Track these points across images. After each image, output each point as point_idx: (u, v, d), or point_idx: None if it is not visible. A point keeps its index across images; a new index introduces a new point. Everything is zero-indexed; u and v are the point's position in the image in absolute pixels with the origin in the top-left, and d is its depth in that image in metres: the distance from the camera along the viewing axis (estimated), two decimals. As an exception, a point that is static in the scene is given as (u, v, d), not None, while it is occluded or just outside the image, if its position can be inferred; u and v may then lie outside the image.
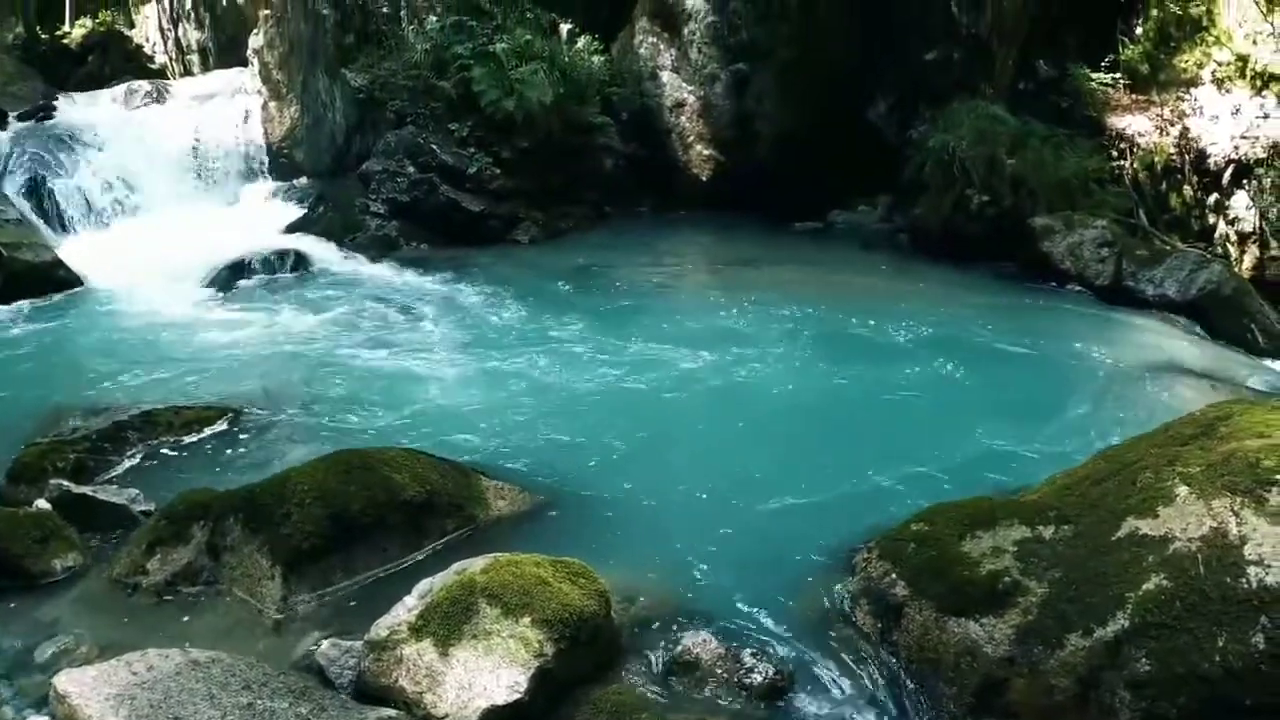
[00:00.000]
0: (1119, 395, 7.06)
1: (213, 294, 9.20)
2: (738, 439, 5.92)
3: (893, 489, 5.05)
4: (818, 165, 11.52)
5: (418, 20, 12.21)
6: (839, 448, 5.72)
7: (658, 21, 12.44)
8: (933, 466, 5.33)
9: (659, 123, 12.42)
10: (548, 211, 11.30)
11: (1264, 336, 9.12)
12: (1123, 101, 11.78)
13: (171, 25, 19.72)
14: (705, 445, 5.84)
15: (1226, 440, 3.84)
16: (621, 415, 6.07)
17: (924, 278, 9.89)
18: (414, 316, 8.18)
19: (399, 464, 4.55)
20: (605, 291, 8.97)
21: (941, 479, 5.13)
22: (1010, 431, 5.95)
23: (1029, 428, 6.08)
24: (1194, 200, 11.16)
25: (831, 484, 5.16)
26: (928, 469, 5.30)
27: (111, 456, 5.42)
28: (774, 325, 7.89)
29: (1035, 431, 6.02)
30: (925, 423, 6.14)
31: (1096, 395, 6.99)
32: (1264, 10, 11.05)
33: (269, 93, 13.07)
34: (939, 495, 4.30)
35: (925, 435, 5.90)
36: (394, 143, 11.31)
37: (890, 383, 6.78)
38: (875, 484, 5.15)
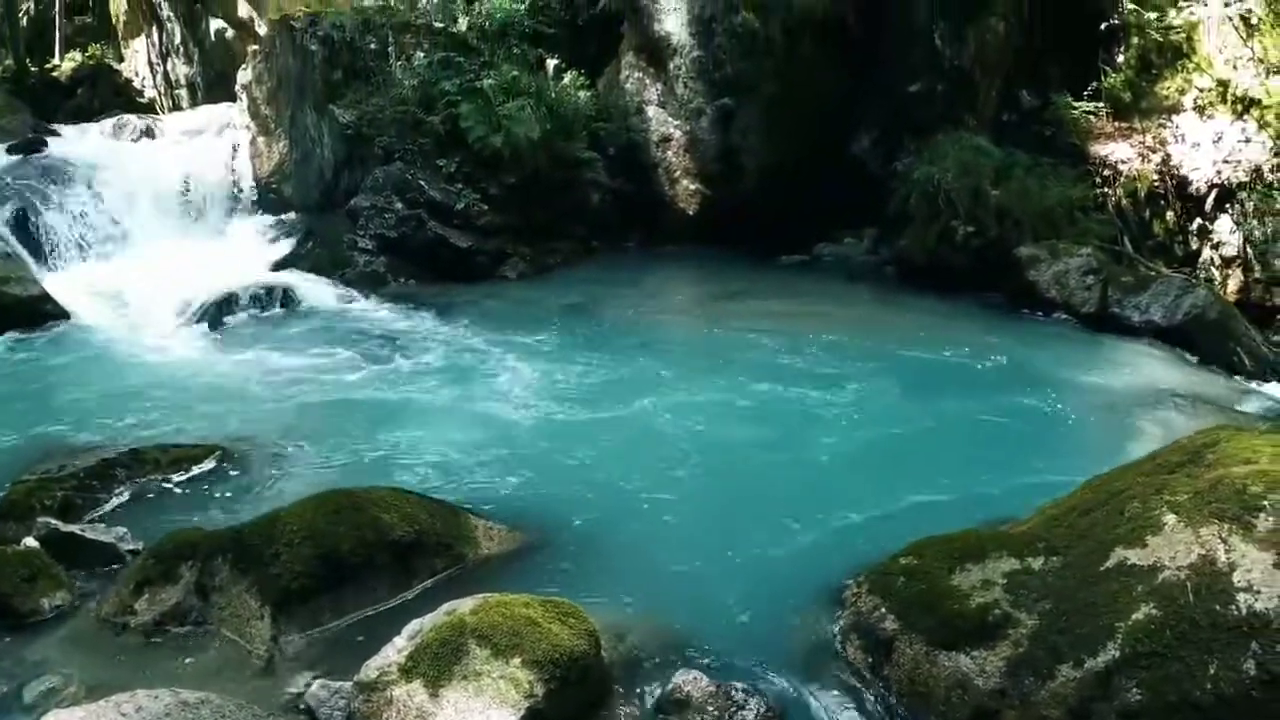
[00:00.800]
0: (1106, 422, 7.07)
1: (200, 329, 9.18)
2: (725, 474, 5.92)
3: (881, 522, 5.05)
4: (803, 199, 11.57)
5: (405, 57, 12.27)
6: (827, 481, 5.72)
7: (643, 56, 12.51)
8: (920, 498, 5.34)
9: (645, 157, 12.46)
10: (535, 247, 11.32)
11: (1250, 359, 9.15)
12: (1105, 129, 11.86)
13: (160, 60, 19.81)
14: (693, 481, 5.82)
15: (1213, 467, 3.86)
16: (609, 452, 6.06)
17: (910, 309, 9.93)
18: (402, 353, 8.15)
19: (387, 504, 4.53)
20: (593, 328, 8.97)
21: (930, 510, 5.13)
22: (998, 461, 5.96)
23: (1017, 457, 6.09)
24: (1178, 226, 11.22)
25: (820, 518, 5.15)
26: (915, 500, 5.31)
27: (99, 494, 5.40)
28: (761, 360, 7.88)
29: (1023, 460, 6.03)
30: (913, 454, 6.15)
31: (1084, 423, 7.01)
32: (1244, 36, 11.16)
33: (257, 128, 13.09)
34: (928, 527, 4.29)
35: (913, 467, 5.91)
36: (382, 179, 11.32)
37: (877, 415, 6.79)
38: (863, 517, 5.15)
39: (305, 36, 12.34)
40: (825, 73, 12.15)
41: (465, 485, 5.46)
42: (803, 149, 12.05)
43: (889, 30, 12.34)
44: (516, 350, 8.12)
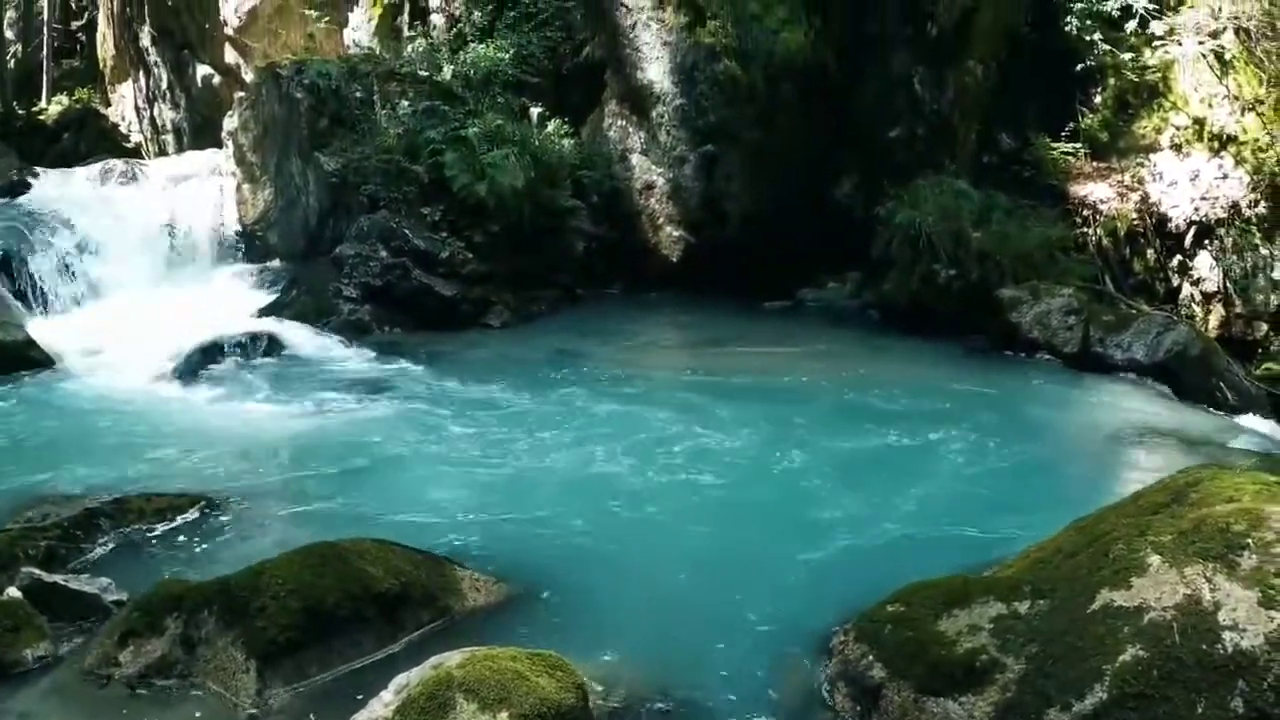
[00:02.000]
0: (1091, 462, 7.11)
1: (185, 377, 9.09)
2: (712, 523, 5.90)
3: (868, 566, 5.04)
4: (786, 244, 11.66)
5: (390, 105, 12.34)
6: (813, 527, 5.70)
7: (627, 105, 12.62)
8: (907, 542, 5.35)
9: (629, 205, 12.53)
10: (519, 295, 11.33)
11: (1232, 393, 9.24)
12: (1084, 170, 12.01)
13: (147, 105, 19.93)
14: (680, 530, 5.80)
15: (1197, 507, 3.88)
16: (596, 502, 6.04)
17: (894, 354, 9.98)
18: (387, 403, 8.11)
19: (373, 556, 4.52)
20: (578, 376, 8.95)
21: (916, 554, 5.14)
22: (984, 503, 5.98)
23: (1003, 498, 6.11)
24: (1158, 263, 11.35)
25: (807, 564, 5.15)
26: (902, 544, 5.32)
27: (83, 544, 5.34)
28: (746, 407, 7.86)
29: (1009, 502, 6.05)
30: (898, 498, 6.14)
31: (1068, 463, 7.05)
32: (1218, 73, 11.34)
33: (243, 175, 13.09)
34: (914, 572, 4.29)
35: (899, 510, 5.91)
36: (367, 227, 11.34)
37: (862, 461, 6.80)
38: (850, 564, 5.14)
39: (291, 84, 12.38)
40: (806, 119, 12.28)
41: (450, 536, 5.44)
42: (785, 195, 12.16)
43: (869, 76, 12.50)
44: (501, 400, 8.11)
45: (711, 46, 11.92)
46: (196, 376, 9.12)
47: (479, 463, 6.72)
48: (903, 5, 12.45)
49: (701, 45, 11.96)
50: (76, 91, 21.75)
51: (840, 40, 12.46)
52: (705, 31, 11.95)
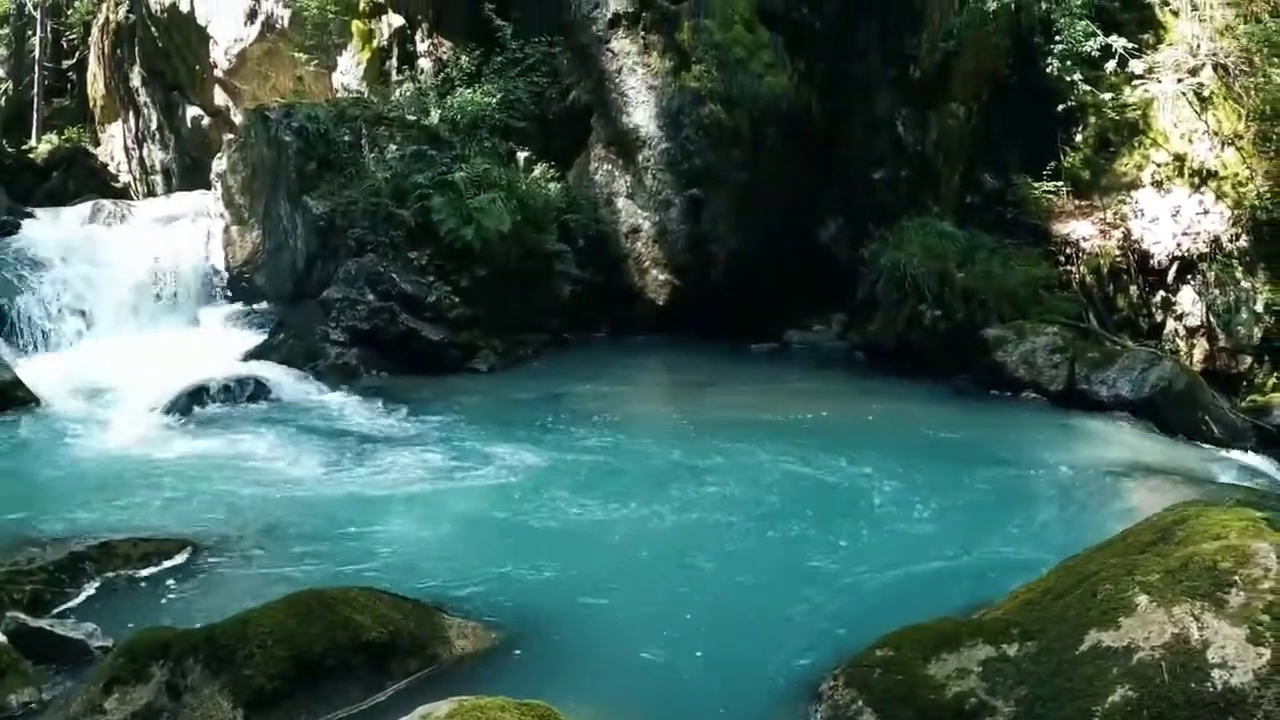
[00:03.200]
0: (1079, 500, 7.11)
1: (172, 420, 9.01)
2: (700, 567, 5.87)
3: (856, 610, 5.02)
4: (772, 286, 11.73)
5: (378, 149, 12.38)
6: (801, 570, 5.68)
7: (613, 148, 12.70)
8: (896, 586, 5.33)
9: (615, 249, 12.58)
10: (507, 339, 11.33)
11: (1219, 427, 9.30)
12: (1067, 208, 12.11)
13: (136, 145, 19.99)
14: (668, 575, 5.77)
15: (1184, 545, 3.90)
16: (583, 548, 6.02)
17: (881, 395, 9.97)
18: (374, 447, 8.06)
19: (360, 604, 4.49)
20: (565, 420, 8.91)
21: (904, 597, 5.13)
22: (973, 544, 5.97)
23: (991, 540, 6.11)
24: (1141, 299, 11.43)
25: (796, 609, 5.13)
26: (890, 587, 5.30)
27: (69, 588, 5.28)
28: (734, 451, 7.84)
29: (998, 543, 6.05)
30: (886, 540, 6.14)
31: (1056, 502, 7.05)
32: (1197, 110, 11.48)
33: (231, 216, 13.11)
34: (903, 614, 4.28)
35: (887, 553, 5.89)
36: (354, 270, 11.34)
37: (850, 502, 6.79)
38: (839, 605, 5.13)
39: (280, 127, 12.41)
40: (791, 162, 12.39)
41: (438, 583, 5.40)
42: (770, 238, 12.24)
43: (852, 119, 12.66)
44: (488, 445, 8.03)
45: (697, 91, 12.05)
46: (183, 419, 9.07)
47: (466, 508, 6.69)
48: (885, 48, 12.64)
49: (687, 89, 12.09)
50: (66, 130, 21.82)
51: (824, 84, 12.62)
52: (690, 76, 12.08)
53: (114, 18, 20.05)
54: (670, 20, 12.27)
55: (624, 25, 12.51)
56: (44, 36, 22.51)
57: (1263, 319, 10.75)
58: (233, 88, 17.45)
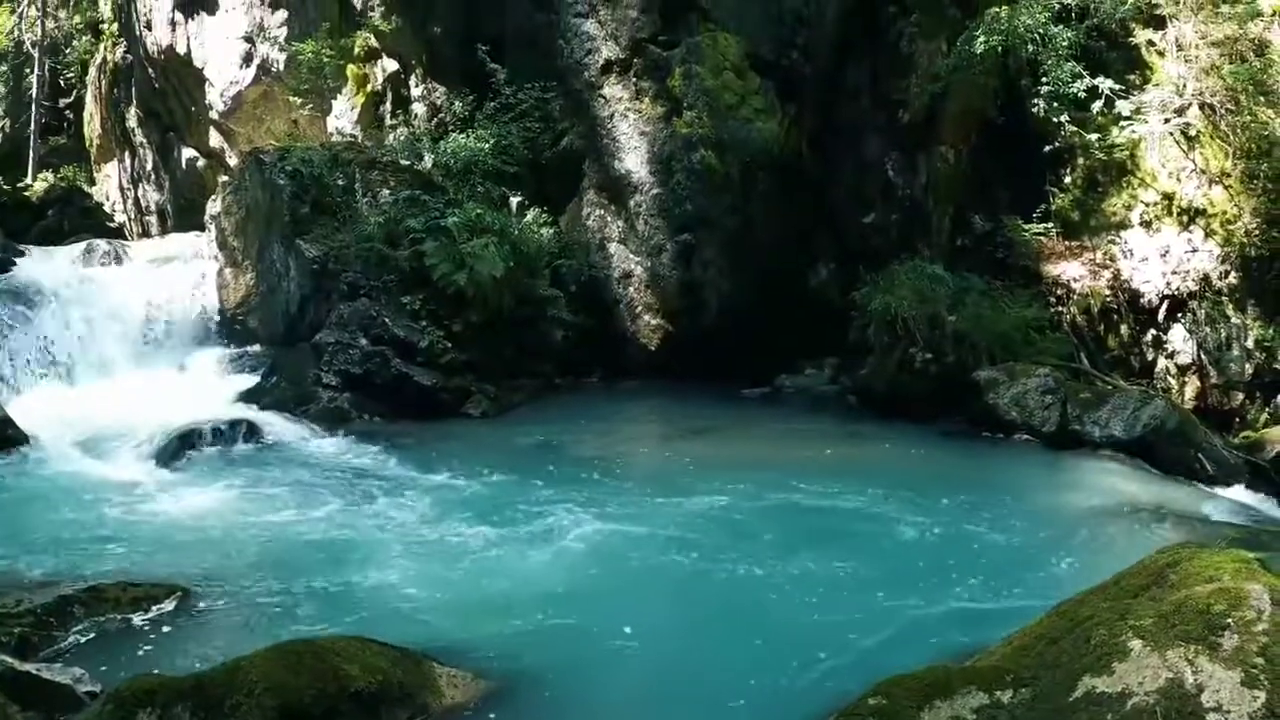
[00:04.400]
0: (1072, 543, 7.08)
1: (163, 462, 9.01)
2: (691, 617, 5.86)
3: (850, 659, 5.00)
4: (764, 331, 11.76)
5: (372, 193, 12.44)
6: (794, 620, 5.66)
7: (605, 194, 12.78)
8: (889, 632, 5.30)
9: (607, 293, 12.64)
10: (499, 384, 11.34)
11: (1212, 464, 9.28)
12: (1057, 249, 12.13)
13: (132, 185, 20.11)
14: (658, 625, 5.74)
15: (1177, 588, 3.88)
16: (574, 596, 5.98)
17: (873, 440, 9.98)
18: (365, 493, 8.05)
19: (349, 653, 4.45)
20: (557, 468, 8.88)
21: (898, 644, 5.10)
22: (966, 589, 5.95)
23: (985, 584, 6.09)
24: (1132, 338, 11.44)
25: (791, 655, 5.10)
26: (884, 635, 5.27)
27: (56, 632, 5.25)
28: (726, 498, 7.82)
29: (991, 587, 6.03)
30: (880, 586, 6.10)
31: (1049, 545, 7.01)
32: (1185, 149, 11.56)
33: (225, 259, 13.15)
34: (896, 662, 4.25)
35: (881, 600, 5.87)
36: (347, 314, 11.36)
37: (844, 550, 6.75)
38: (832, 652, 5.10)
39: (274, 170, 12.48)
40: (782, 207, 12.48)
41: (427, 630, 5.36)
42: (762, 282, 12.30)
43: (843, 164, 12.76)
44: (479, 492, 8.04)
45: (688, 137, 12.16)
46: (174, 462, 9.06)
47: (458, 556, 6.65)
48: (874, 93, 12.76)
49: (678, 135, 12.20)
50: (62, 169, 21.98)
51: (814, 128, 12.75)
52: (682, 122, 12.19)
53: (111, 58, 20.26)
54: (662, 67, 12.41)
55: (616, 71, 12.64)
56: (42, 75, 22.71)
57: (1254, 355, 10.77)
58: (228, 130, 17.57)
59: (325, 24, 14.91)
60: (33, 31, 23.56)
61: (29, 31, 23.86)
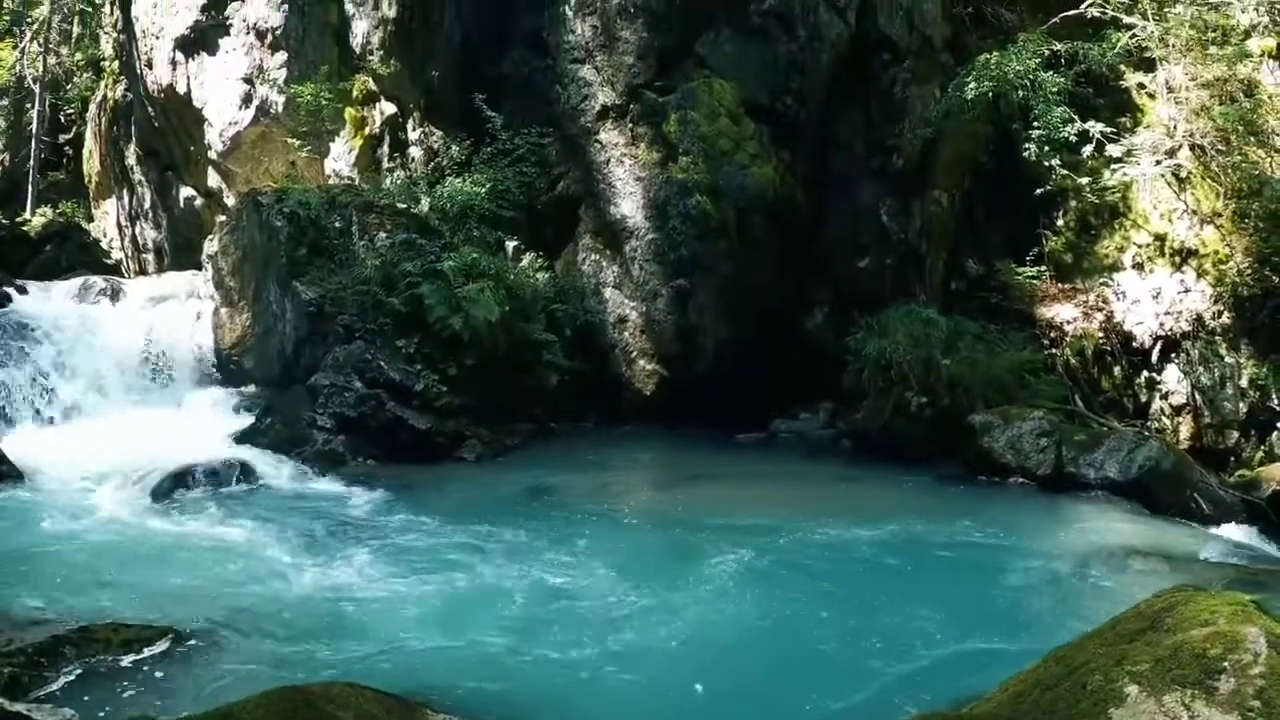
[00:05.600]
0: (1068, 587, 7.07)
1: (156, 502, 8.95)
2: (687, 662, 5.80)
3: (844, 707, 4.98)
4: (759, 376, 11.77)
5: (368, 236, 12.45)
6: (790, 667, 5.64)
7: (600, 239, 12.84)
8: (885, 679, 5.27)
9: (603, 338, 12.66)
10: (494, 428, 11.28)
11: (1208, 504, 9.29)
12: (1050, 292, 12.22)
13: (130, 223, 20.15)
14: (656, 673, 5.68)
15: (1173, 632, 3.87)
16: (570, 643, 5.93)
17: (868, 485, 9.96)
18: (359, 538, 7.97)
19: (343, 700, 4.40)
20: (552, 514, 8.83)
21: (893, 692, 5.07)
22: (963, 635, 5.92)
23: (981, 629, 6.06)
24: (1126, 380, 11.50)
25: (787, 704, 5.06)
26: (880, 682, 5.24)
27: (47, 672, 5.20)
28: (721, 544, 7.74)
29: (988, 632, 6.00)
30: (876, 634, 6.06)
31: (1046, 589, 7.00)
32: (1176, 190, 11.66)
33: (221, 298, 13.13)
34: (892, 710, 4.23)
35: (876, 647, 5.84)
36: (342, 357, 11.35)
37: (839, 597, 6.73)
38: (825, 704, 5.06)
39: (272, 212, 12.50)
40: (777, 252, 12.54)
41: (421, 677, 5.31)
42: (757, 327, 12.33)
43: (837, 208, 12.84)
44: (473, 537, 7.97)
45: (683, 182, 12.24)
46: (168, 502, 9.00)
47: (452, 601, 6.60)
48: (868, 138, 12.88)
49: (673, 181, 12.28)
50: (61, 205, 22.06)
51: (808, 174, 12.84)
52: (677, 168, 12.28)
53: (112, 96, 20.40)
54: (658, 112, 12.51)
55: (612, 117, 12.75)
56: (42, 111, 22.88)
57: (1248, 394, 10.82)
58: (226, 170, 17.65)
59: (324, 67, 15.02)
60: (34, 67, 23.81)
61: (31, 67, 24.11)
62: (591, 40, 12.87)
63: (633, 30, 12.68)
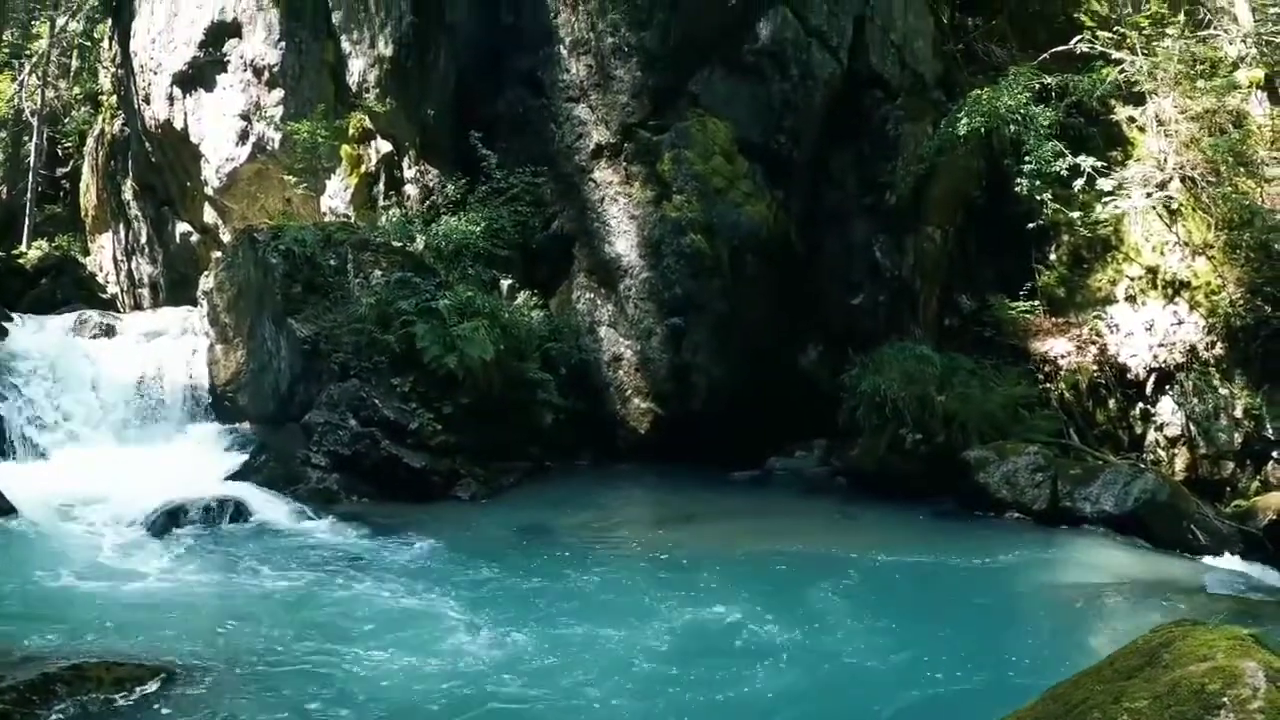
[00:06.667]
0: (1066, 623, 7.06)
1: (149, 539, 8.91)
2: (690, 708, 5.73)
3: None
4: (754, 413, 11.75)
5: (363, 274, 12.45)
6: (784, 709, 5.59)
7: (595, 277, 12.84)
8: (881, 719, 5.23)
9: (597, 377, 12.62)
10: (488, 467, 11.24)
11: (1204, 535, 9.32)
12: (1043, 326, 12.24)
13: (125, 257, 20.13)
14: (644, 715, 5.65)
15: (1171, 668, 3.84)
16: (565, 689, 5.88)
17: (864, 523, 9.95)
18: (352, 577, 7.91)
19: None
20: (546, 553, 8.79)
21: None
22: (959, 673, 5.90)
23: (978, 667, 6.03)
24: (1120, 412, 11.50)
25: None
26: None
27: (39, 710, 5.17)
28: (718, 589, 7.72)
29: (985, 670, 5.98)
30: (872, 675, 6.05)
31: (1043, 625, 7.00)
32: (1167, 222, 11.71)
33: (216, 335, 13.09)
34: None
35: (873, 688, 5.83)
36: (337, 395, 11.33)
37: (836, 636, 6.71)
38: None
39: (267, 249, 12.49)
40: (771, 290, 12.56)
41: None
42: (751, 365, 12.32)
43: (830, 246, 12.89)
44: (468, 578, 7.93)
45: (677, 220, 12.27)
46: (161, 539, 8.96)
47: (447, 645, 6.52)
48: (860, 176, 12.95)
49: (668, 219, 12.32)
50: (57, 238, 22.08)
51: (802, 212, 12.89)
52: (671, 206, 12.32)
53: (109, 130, 20.46)
54: (652, 151, 12.57)
55: (606, 156, 12.81)
56: (40, 144, 22.95)
57: (1242, 424, 10.83)
58: (222, 206, 17.67)
59: (320, 105, 15.07)
60: (33, 100, 23.87)
61: (29, 100, 24.18)
62: (586, 79, 12.95)
63: (627, 69, 12.76)
